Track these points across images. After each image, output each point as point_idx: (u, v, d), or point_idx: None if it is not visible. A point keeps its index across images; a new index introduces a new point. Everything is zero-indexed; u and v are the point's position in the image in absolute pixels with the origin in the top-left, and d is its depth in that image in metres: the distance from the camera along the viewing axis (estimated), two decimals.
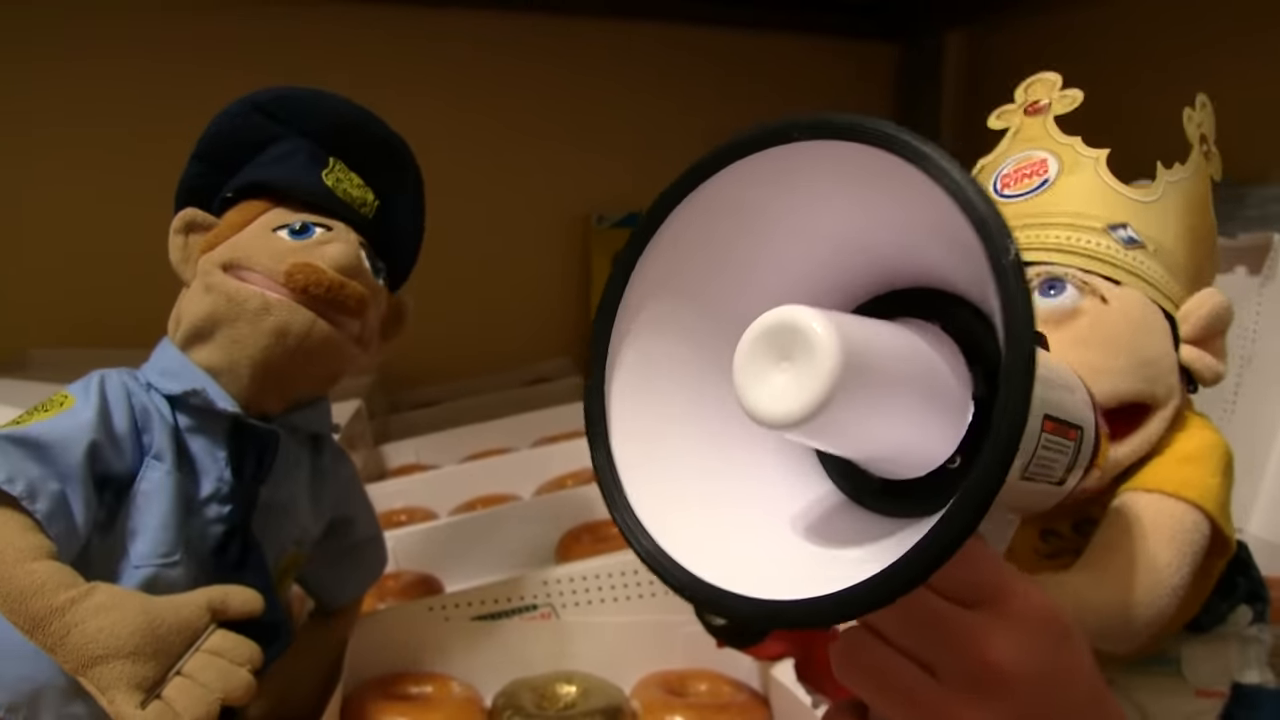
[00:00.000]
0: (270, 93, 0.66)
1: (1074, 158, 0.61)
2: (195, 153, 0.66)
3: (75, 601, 0.51)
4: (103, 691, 0.51)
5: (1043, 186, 0.61)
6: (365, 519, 0.74)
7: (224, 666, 0.53)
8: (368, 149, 0.68)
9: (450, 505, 1.07)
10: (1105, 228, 0.58)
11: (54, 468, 0.54)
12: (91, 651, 0.51)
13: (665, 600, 0.80)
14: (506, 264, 1.67)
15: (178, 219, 0.64)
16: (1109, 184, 0.59)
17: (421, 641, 0.76)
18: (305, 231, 0.63)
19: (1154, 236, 0.58)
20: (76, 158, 1.46)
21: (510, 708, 0.71)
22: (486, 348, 1.60)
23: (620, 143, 1.69)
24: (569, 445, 1.13)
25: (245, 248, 0.62)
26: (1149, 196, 0.59)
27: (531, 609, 0.79)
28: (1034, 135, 0.64)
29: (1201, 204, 0.60)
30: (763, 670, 0.73)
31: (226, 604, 0.55)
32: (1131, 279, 0.57)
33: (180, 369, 0.62)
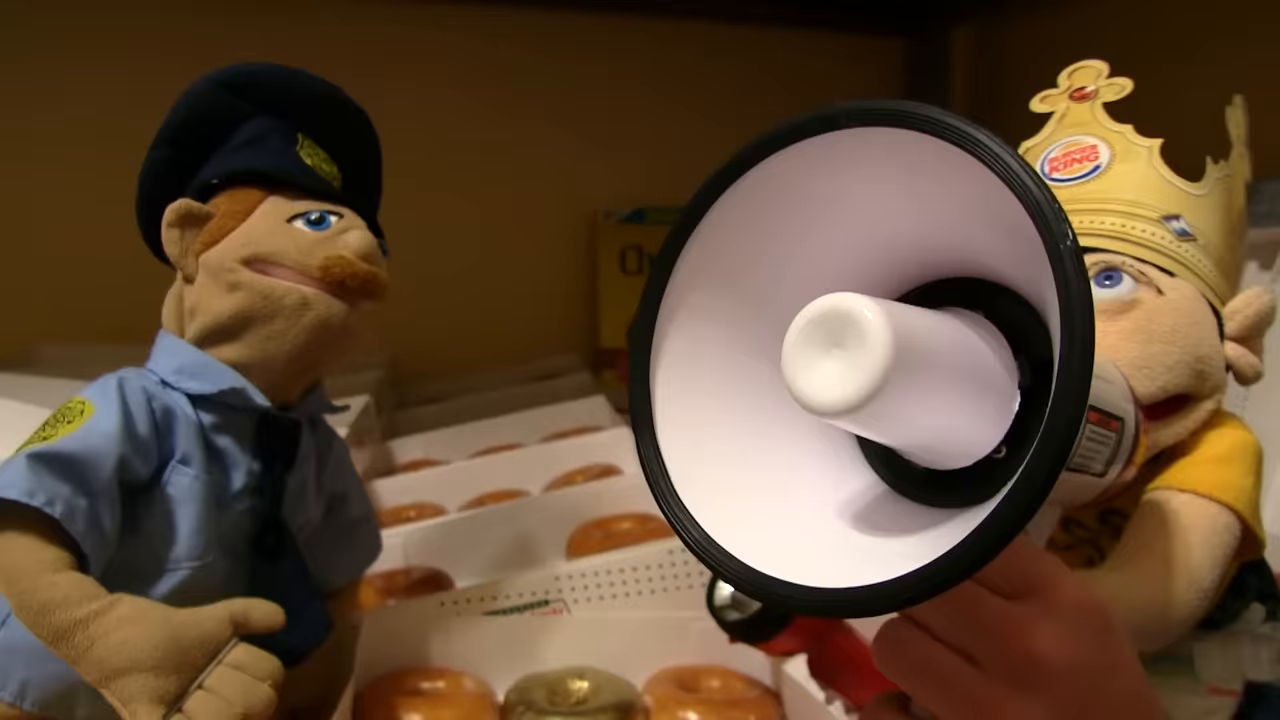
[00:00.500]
0: (233, 71, 0.64)
1: (1126, 145, 0.60)
2: (162, 138, 0.64)
3: (98, 614, 0.51)
4: (124, 704, 0.51)
5: (1094, 172, 0.60)
6: (358, 497, 0.74)
7: (246, 681, 0.53)
8: (332, 122, 0.68)
9: (459, 501, 1.07)
10: (1160, 218, 0.58)
11: (84, 484, 0.54)
12: (114, 664, 0.51)
13: (677, 596, 0.80)
14: (514, 260, 1.67)
15: (172, 212, 0.62)
16: (1163, 174, 0.59)
17: (433, 637, 0.76)
18: (323, 222, 0.62)
19: (1204, 230, 0.58)
20: (84, 154, 1.46)
21: (522, 703, 0.70)
22: (494, 343, 1.60)
23: (627, 138, 1.69)
24: (578, 441, 1.13)
25: (268, 242, 0.61)
26: (1200, 190, 0.59)
27: (543, 604, 0.79)
28: (1082, 120, 0.63)
29: (1239, 203, 0.60)
30: (775, 666, 0.73)
31: (248, 617, 0.55)
32: (1185, 271, 0.57)
33: (206, 368, 0.61)
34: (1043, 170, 0.63)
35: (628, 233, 1.68)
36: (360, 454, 1.11)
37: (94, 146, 1.45)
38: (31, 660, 0.57)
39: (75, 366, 1.12)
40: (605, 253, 1.68)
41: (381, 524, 0.99)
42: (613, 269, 1.67)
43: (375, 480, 1.11)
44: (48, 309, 1.46)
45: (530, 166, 1.65)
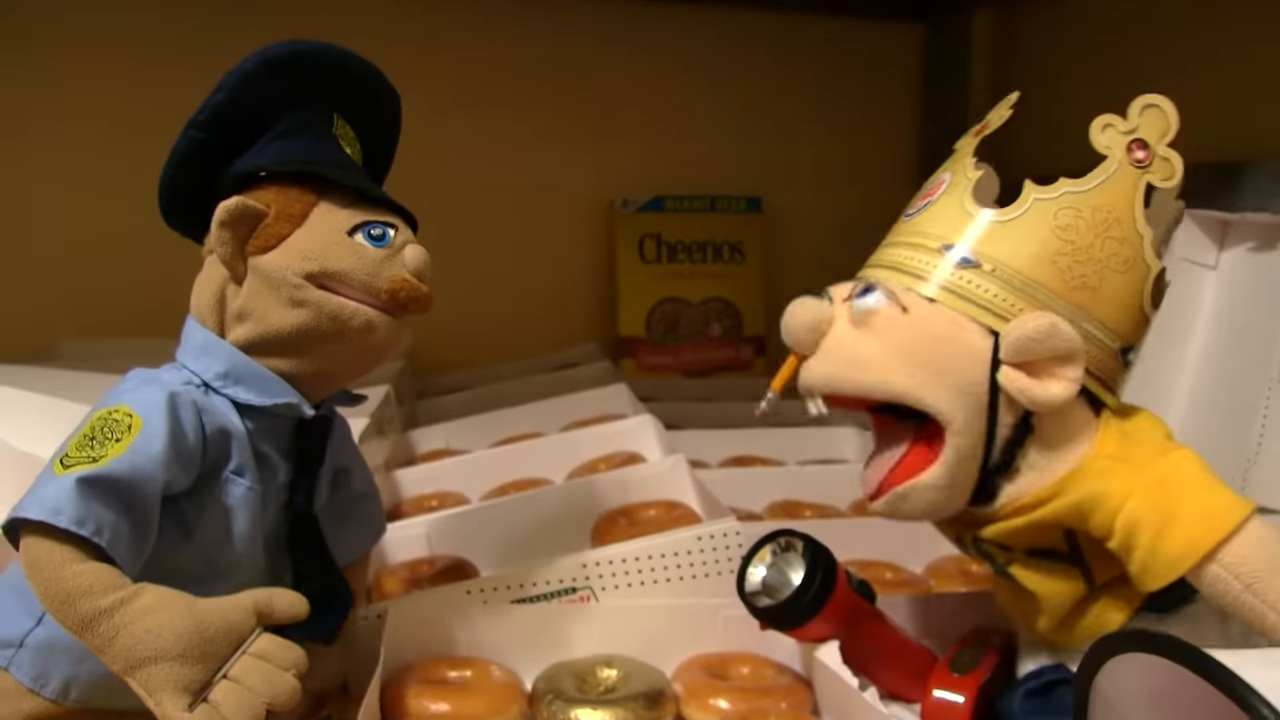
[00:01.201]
0: (285, 49, 0.62)
1: (960, 178, 0.62)
2: (201, 120, 0.61)
3: (124, 603, 0.51)
4: (149, 694, 0.50)
5: (926, 206, 0.62)
6: (361, 472, 0.73)
7: (270, 671, 0.52)
8: (368, 105, 0.67)
9: (482, 490, 1.07)
10: (940, 248, 0.59)
11: (129, 509, 0.54)
12: (139, 653, 0.50)
13: (705, 583, 0.79)
14: (532, 250, 1.66)
15: (225, 211, 0.59)
16: (964, 205, 0.60)
17: (459, 626, 0.75)
18: (384, 238, 0.61)
19: (997, 255, 0.58)
20: (102, 146, 1.46)
21: (551, 692, 0.70)
22: (513, 333, 1.60)
23: (643, 126, 1.68)
24: (599, 429, 1.12)
25: (334, 259, 0.60)
26: (1004, 216, 0.59)
27: (570, 592, 0.78)
28: (959, 156, 0.64)
29: (1110, 217, 0.59)
30: (806, 653, 0.72)
31: (273, 607, 0.55)
32: (951, 298, 0.58)
33: (257, 377, 0.60)
34: (910, 206, 0.64)
35: (645, 222, 1.68)
36: (381, 444, 1.10)
37: (114, 140, 1.45)
38: (75, 657, 0.57)
39: (95, 359, 1.12)
40: (623, 242, 1.67)
41: (404, 514, 0.99)
42: (631, 258, 1.67)
43: (396, 470, 1.10)
44: (68, 303, 1.46)
45: (546, 156, 1.64)
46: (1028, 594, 0.63)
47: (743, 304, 1.70)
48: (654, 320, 1.67)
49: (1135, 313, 0.60)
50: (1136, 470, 0.57)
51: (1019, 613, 0.66)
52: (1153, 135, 0.60)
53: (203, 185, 0.62)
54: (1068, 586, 0.61)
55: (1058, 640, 0.64)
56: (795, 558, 0.68)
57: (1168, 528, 0.55)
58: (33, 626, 0.58)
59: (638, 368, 1.65)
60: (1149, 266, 0.59)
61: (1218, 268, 1.05)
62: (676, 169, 1.70)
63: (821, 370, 0.60)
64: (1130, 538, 0.56)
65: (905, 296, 0.59)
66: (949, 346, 0.58)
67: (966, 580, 0.88)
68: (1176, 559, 0.55)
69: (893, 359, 0.58)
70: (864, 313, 0.59)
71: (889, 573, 0.89)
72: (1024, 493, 0.59)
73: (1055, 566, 0.62)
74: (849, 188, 1.72)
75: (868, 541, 0.93)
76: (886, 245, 0.63)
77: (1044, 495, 0.59)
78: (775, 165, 1.73)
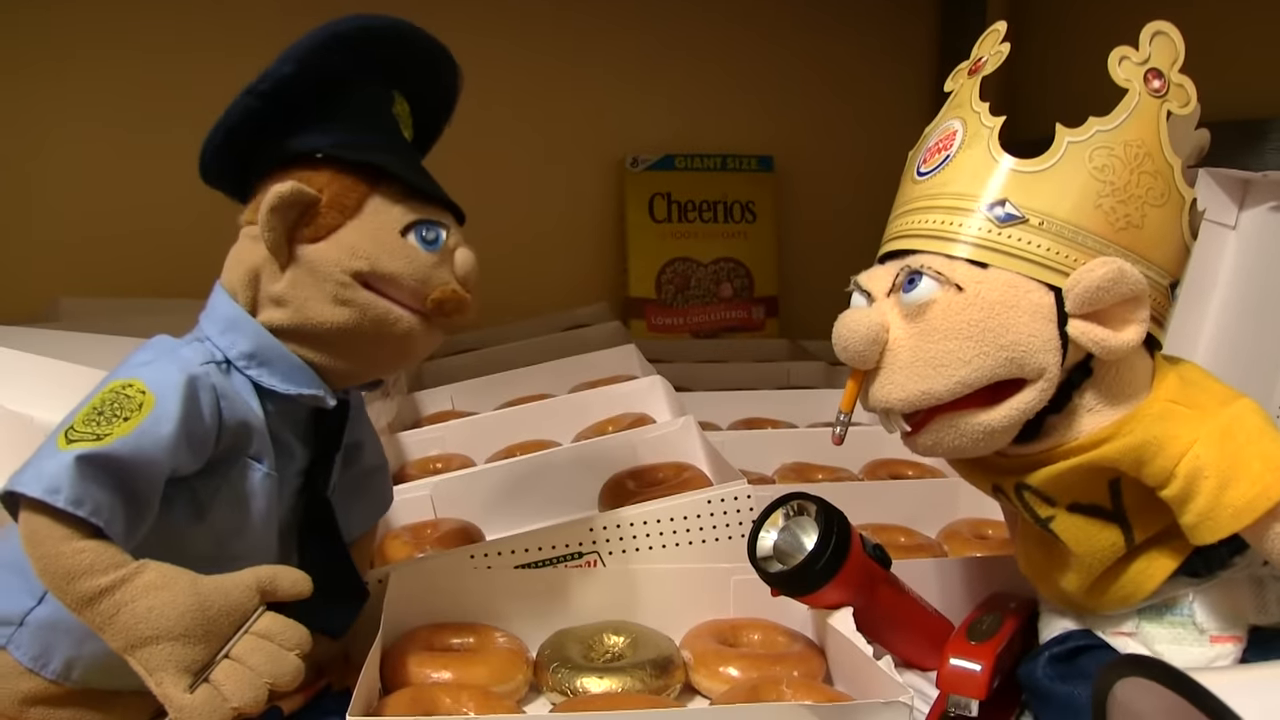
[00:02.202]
0: (354, 24, 0.59)
1: (976, 128, 0.58)
2: (262, 89, 0.57)
3: (124, 580, 0.50)
4: (150, 673, 0.50)
5: (944, 164, 0.59)
6: (372, 446, 0.72)
7: (273, 650, 0.52)
8: (430, 85, 0.65)
9: (488, 452, 1.05)
10: (978, 207, 0.56)
11: (129, 491, 0.52)
12: (140, 632, 0.50)
13: (716, 547, 0.77)
14: (540, 209, 1.64)
15: (278, 196, 0.56)
16: (994, 157, 0.57)
17: (463, 591, 0.73)
18: (436, 241, 0.60)
19: (1041, 208, 0.55)
20: (104, 108, 1.45)
21: (557, 659, 0.68)
22: (521, 294, 1.57)
23: (653, 84, 1.65)
24: (608, 390, 1.10)
25: (385, 260, 0.58)
26: (1039, 165, 0.56)
27: (576, 557, 0.77)
28: (961, 100, 0.61)
29: (1140, 151, 0.56)
30: (818, 620, 0.70)
31: (276, 585, 0.54)
32: (1001, 258, 0.55)
33: (284, 362, 0.59)
34: (917, 163, 0.61)
35: (656, 180, 1.65)
36: (386, 405, 1.09)
37: (116, 102, 1.44)
38: (78, 638, 0.56)
39: (95, 319, 1.11)
40: (633, 200, 1.64)
41: (409, 476, 0.98)
42: (641, 217, 1.64)
43: (401, 433, 1.08)
44: (68, 263, 1.46)
45: (556, 113, 1.62)
46: (1057, 554, 0.62)
47: (754, 264, 1.67)
48: (664, 280, 1.65)
49: (1178, 245, 0.58)
50: (1200, 416, 0.55)
51: (1043, 575, 0.65)
52: (1164, 62, 0.57)
53: (249, 151, 0.60)
54: (1107, 544, 0.59)
55: (1085, 603, 0.62)
56: (808, 522, 0.66)
57: (1234, 478, 0.53)
58: (34, 605, 0.57)
59: (648, 329, 1.63)
60: (1183, 197, 0.57)
61: (1237, 227, 1.03)
62: (687, 127, 1.68)
63: (896, 391, 0.57)
64: (1192, 485, 0.54)
65: (955, 272, 0.56)
66: (1016, 313, 0.55)
67: (982, 545, 0.86)
68: (1242, 510, 0.53)
69: (965, 349, 0.55)
70: (919, 306, 0.56)
71: (903, 537, 0.87)
72: (1079, 434, 0.57)
73: (1095, 523, 0.59)
74: (861, 146, 1.69)
75: (881, 505, 0.91)
76: (913, 210, 0.60)
77: (1100, 437, 0.56)
78: (787, 124, 1.70)
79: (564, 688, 0.66)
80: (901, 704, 0.57)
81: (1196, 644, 0.59)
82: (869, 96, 1.71)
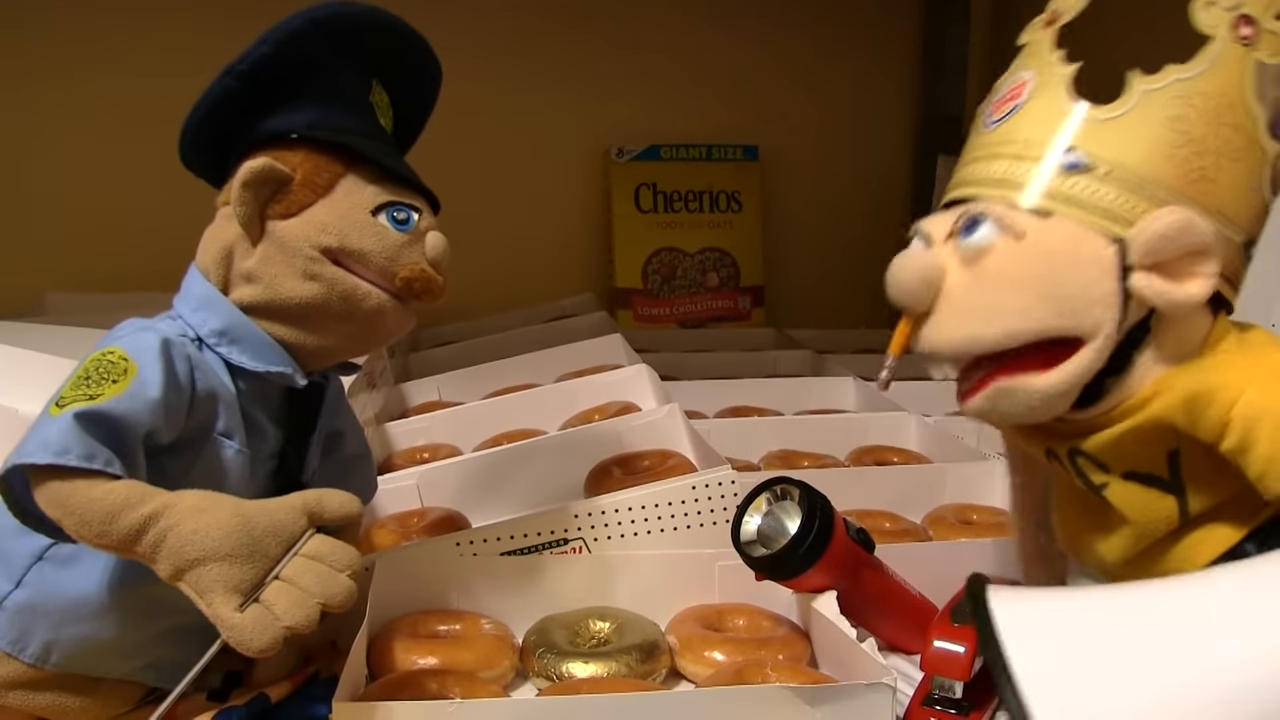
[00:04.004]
0: (333, 10, 0.60)
1: (1048, 76, 0.57)
2: (238, 69, 0.58)
3: (168, 507, 0.50)
4: (200, 595, 0.49)
5: (1013, 112, 0.57)
6: (353, 434, 0.72)
7: (323, 571, 0.51)
8: (409, 75, 0.66)
9: (474, 442, 1.05)
10: (1048, 153, 0.55)
11: (121, 447, 0.53)
12: (189, 555, 0.49)
13: (700, 533, 0.78)
14: (525, 200, 1.64)
15: (251, 171, 0.57)
16: (1065, 103, 0.55)
17: (448, 579, 0.74)
18: (408, 222, 0.60)
19: (1111, 156, 0.54)
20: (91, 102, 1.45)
21: (542, 645, 0.68)
22: (507, 285, 1.58)
23: (639, 74, 1.65)
24: (593, 379, 1.10)
25: (355, 237, 0.58)
26: (1112, 112, 0.54)
27: (562, 544, 0.77)
28: (1035, 51, 0.59)
29: (1221, 102, 0.54)
30: (803, 604, 0.70)
31: (323, 507, 0.54)
32: (1066, 207, 0.54)
33: (254, 340, 0.59)
34: (986, 114, 0.59)
35: (641, 170, 1.65)
36: (372, 397, 1.09)
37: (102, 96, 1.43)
38: (56, 621, 0.56)
39: (80, 314, 1.11)
40: (619, 191, 1.64)
41: (396, 466, 0.98)
42: (627, 207, 1.64)
43: (388, 423, 1.08)
44: (54, 258, 1.46)
45: (541, 103, 1.62)
46: (1105, 520, 0.60)
47: (740, 253, 1.68)
48: (650, 270, 1.65)
49: (1256, 201, 0.56)
50: (1251, 362, 0.53)
51: (1083, 542, 0.62)
52: (1258, 7, 0.55)
53: (227, 133, 0.61)
54: (1162, 515, 0.57)
55: (1123, 574, 0.60)
56: (791, 506, 0.66)
57: None
58: (11, 589, 0.57)
59: (634, 319, 1.63)
60: (1265, 150, 0.55)
61: None
62: (672, 117, 1.68)
63: (948, 334, 0.55)
64: (1249, 432, 0.51)
65: (1016, 219, 0.54)
66: (1076, 264, 0.53)
67: (967, 530, 0.87)
68: None
69: (1022, 297, 0.53)
70: (977, 251, 0.54)
71: (888, 522, 0.88)
72: (1132, 392, 0.55)
73: (1151, 492, 0.58)
74: (846, 135, 1.70)
75: (866, 491, 0.91)
76: (978, 159, 0.58)
77: (1150, 392, 0.55)
78: (772, 113, 1.70)
79: (550, 673, 0.66)
80: (885, 686, 0.57)
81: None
82: (853, 85, 1.71)
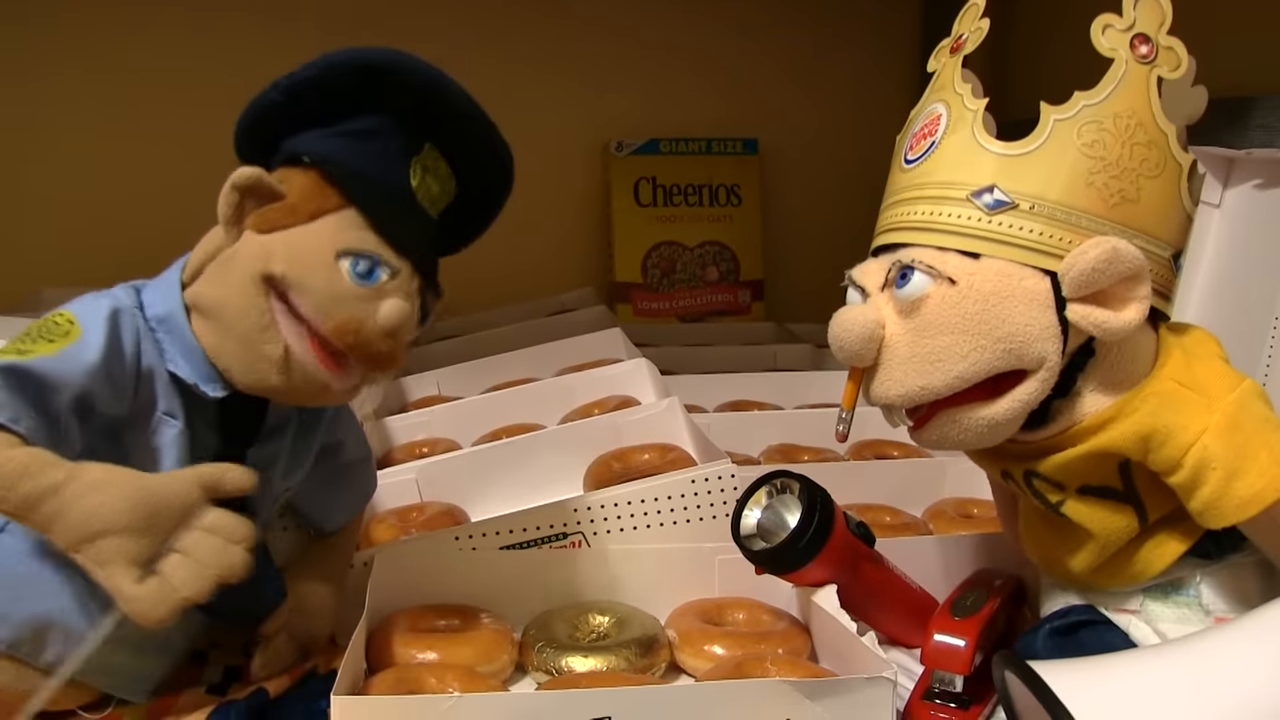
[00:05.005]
0: (380, 56, 0.59)
1: (960, 111, 0.57)
2: (284, 85, 0.59)
3: (69, 479, 0.51)
4: (100, 566, 0.50)
5: (930, 150, 0.58)
6: (354, 441, 0.72)
7: (218, 544, 0.52)
8: (469, 142, 0.65)
9: (474, 436, 1.05)
10: (969, 195, 0.55)
11: (46, 407, 0.53)
12: (89, 528, 0.50)
13: (701, 527, 0.77)
14: (524, 194, 1.60)
15: (241, 177, 0.57)
16: (980, 142, 0.56)
17: (448, 573, 0.73)
18: (370, 276, 0.57)
19: (1031, 191, 0.54)
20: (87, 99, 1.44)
21: (542, 639, 0.68)
22: (506, 279, 1.56)
23: (638, 67, 1.65)
24: (593, 374, 1.10)
25: (302, 268, 0.56)
26: (1026, 147, 0.55)
27: (561, 538, 0.77)
28: (944, 82, 0.59)
29: (1131, 122, 0.55)
30: (803, 597, 0.70)
31: (220, 481, 0.54)
32: (993, 247, 0.54)
33: (180, 340, 0.58)
34: (904, 150, 0.60)
35: (641, 164, 1.64)
36: (371, 392, 1.08)
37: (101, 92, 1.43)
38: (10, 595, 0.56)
39: None
40: (618, 185, 1.64)
41: (395, 461, 0.98)
42: (627, 201, 1.64)
43: (387, 418, 1.08)
44: (50, 254, 1.45)
45: (540, 97, 1.60)
46: (1068, 534, 0.61)
47: (740, 247, 1.67)
48: (650, 264, 1.64)
49: (1179, 214, 0.57)
50: (1208, 404, 0.55)
51: (1051, 556, 0.64)
52: (1151, 26, 0.56)
53: (269, 140, 0.61)
54: (1122, 525, 0.59)
55: (1092, 582, 0.62)
56: (792, 500, 0.66)
57: (1241, 470, 0.53)
58: None
59: (634, 313, 1.63)
60: (1179, 164, 0.56)
61: (1221, 206, 1.02)
62: (672, 111, 1.67)
63: (895, 388, 0.56)
64: (1199, 474, 0.54)
65: (946, 265, 0.55)
66: (1011, 303, 0.54)
67: (967, 524, 0.87)
68: (1248, 501, 0.53)
69: (961, 343, 0.54)
70: (912, 303, 0.55)
71: (888, 516, 0.88)
72: (1084, 415, 0.57)
73: (1108, 505, 0.59)
74: (846, 128, 1.69)
75: (867, 485, 0.91)
76: (901, 201, 0.59)
77: (1105, 417, 0.56)
78: (771, 106, 1.70)
79: (549, 667, 0.66)
80: (885, 679, 0.57)
81: (1201, 624, 0.59)
82: (853, 78, 1.71)
